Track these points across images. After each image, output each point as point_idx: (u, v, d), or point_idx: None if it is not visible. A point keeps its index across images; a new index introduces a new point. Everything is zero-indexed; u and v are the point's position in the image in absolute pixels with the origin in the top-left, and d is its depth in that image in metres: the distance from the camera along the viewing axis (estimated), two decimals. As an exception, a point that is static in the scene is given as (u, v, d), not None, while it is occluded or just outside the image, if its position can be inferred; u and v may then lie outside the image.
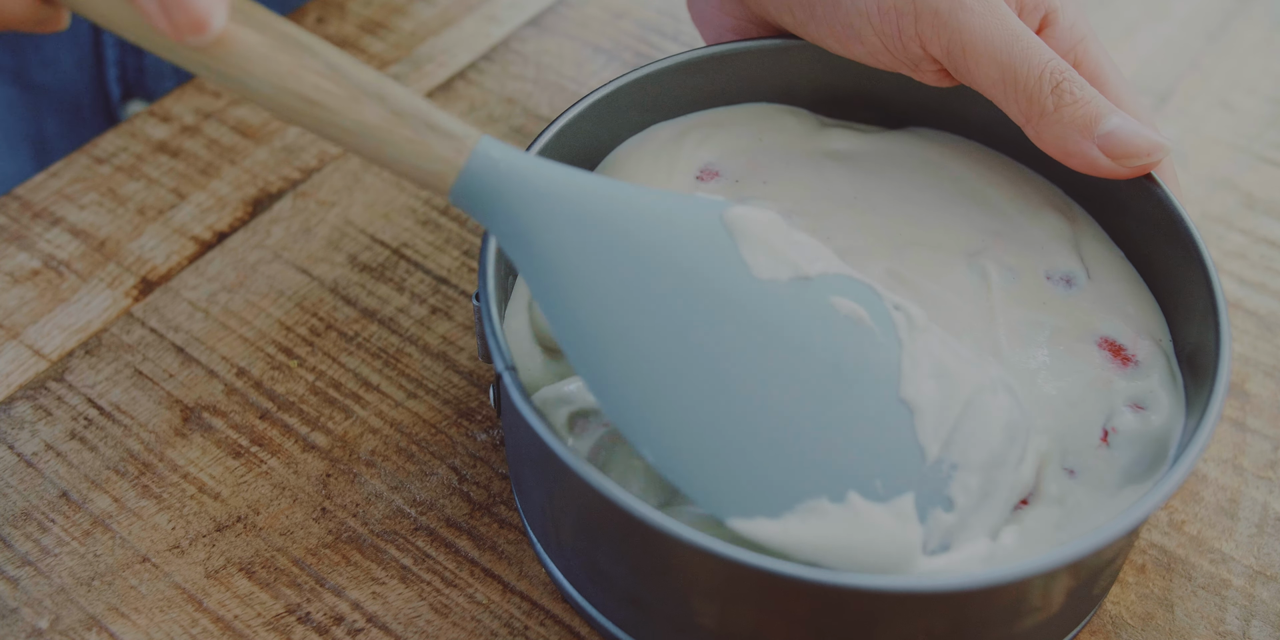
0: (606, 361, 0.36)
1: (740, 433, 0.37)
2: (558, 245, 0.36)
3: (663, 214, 0.38)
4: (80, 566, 0.45)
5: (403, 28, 0.64)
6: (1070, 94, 0.43)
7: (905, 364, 0.39)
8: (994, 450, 0.39)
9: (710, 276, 0.37)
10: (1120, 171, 0.43)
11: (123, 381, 0.51)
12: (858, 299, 0.39)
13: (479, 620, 0.44)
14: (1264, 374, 0.52)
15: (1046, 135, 0.43)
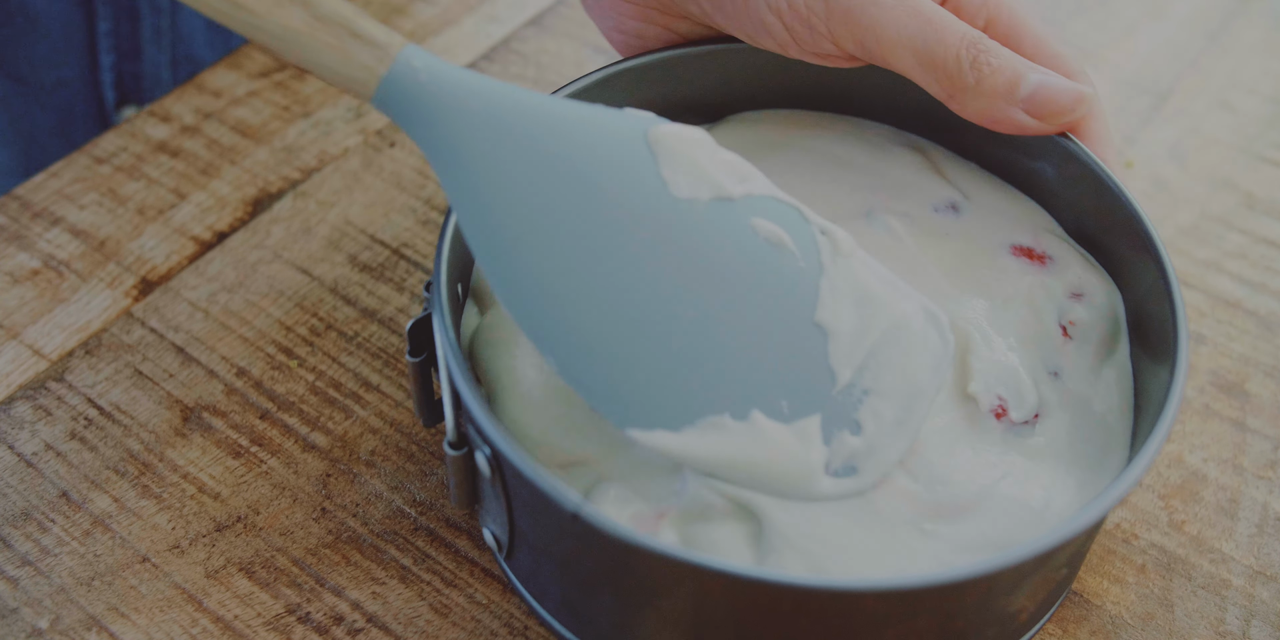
0: (516, 268, 0.37)
1: (646, 346, 0.37)
2: (474, 153, 0.37)
3: (586, 127, 0.38)
4: (80, 566, 0.45)
5: (403, 28, 0.64)
6: (987, 65, 0.43)
7: (824, 288, 0.40)
8: (912, 379, 0.40)
9: (625, 192, 0.38)
10: (1048, 129, 0.44)
11: (123, 381, 0.51)
12: (781, 221, 0.40)
13: (479, 620, 0.44)
14: (1264, 374, 0.52)
15: (970, 107, 0.44)
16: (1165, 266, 0.42)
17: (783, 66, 0.48)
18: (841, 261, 0.40)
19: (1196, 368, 0.52)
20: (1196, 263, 0.56)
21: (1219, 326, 0.54)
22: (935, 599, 0.37)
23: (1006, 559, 0.35)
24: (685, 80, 0.49)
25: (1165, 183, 0.59)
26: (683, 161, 0.39)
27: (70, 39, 0.66)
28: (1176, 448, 0.50)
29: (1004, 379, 0.43)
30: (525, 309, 0.37)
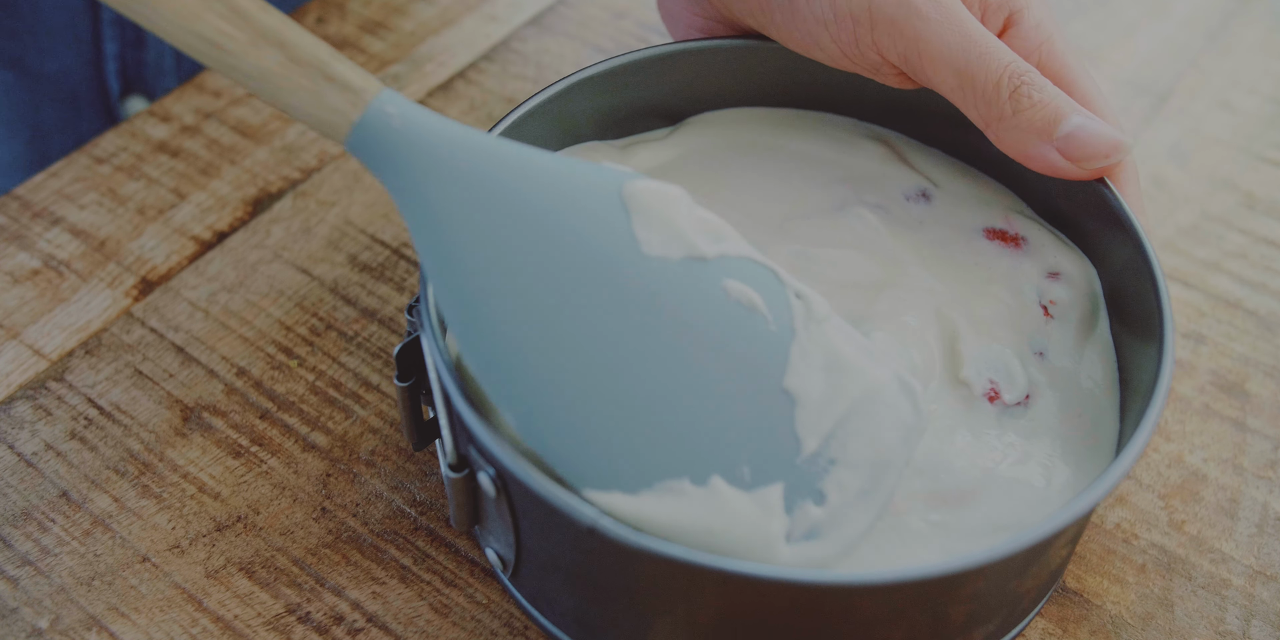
0: (478, 322, 0.36)
1: (605, 406, 0.37)
2: (445, 202, 0.36)
3: (559, 181, 0.38)
4: (80, 566, 0.45)
5: (403, 28, 0.64)
6: (1028, 98, 0.43)
7: (794, 354, 0.39)
8: (881, 450, 0.39)
9: (596, 249, 0.37)
10: (1080, 174, 0.43)
11: (123, 381, 0.51)
12: (755, 284, 0.39)
13: (479, 620, 0.44)
14: (1264, 374, 0.52)
15: (1006, 139, 0.43)
16: (1140, 238, 0.42)
17: (742, 65, 0.49)
18: (814, 326, 0.39)
19: (1196, 367, 0.52)
20: (1196, 263, 0.56)
21: (1219, 326, 0.54)
22: (959, 583, 0.37)
23: (1024, 540, 0.36)
24: (645, 85, 0.49)
25: (1165, 183, 0.59)
26: (656, 218, 0.38)
27: (75, 28, 0.66)
28: (1176, 448, 0.50)
29: (993, 363, 0.43)
30: (485, 364, 0.37)
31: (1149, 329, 0.42)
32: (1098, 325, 0.45)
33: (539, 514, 0.38)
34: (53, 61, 0.67)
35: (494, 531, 0.41)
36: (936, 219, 0.48)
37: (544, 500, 0.36)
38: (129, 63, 0.69)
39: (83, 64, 0.67)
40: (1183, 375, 0.52)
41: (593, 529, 0.35)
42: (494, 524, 0.41)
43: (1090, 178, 0.43)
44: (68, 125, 0.69)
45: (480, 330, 0.36)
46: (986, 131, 0.44)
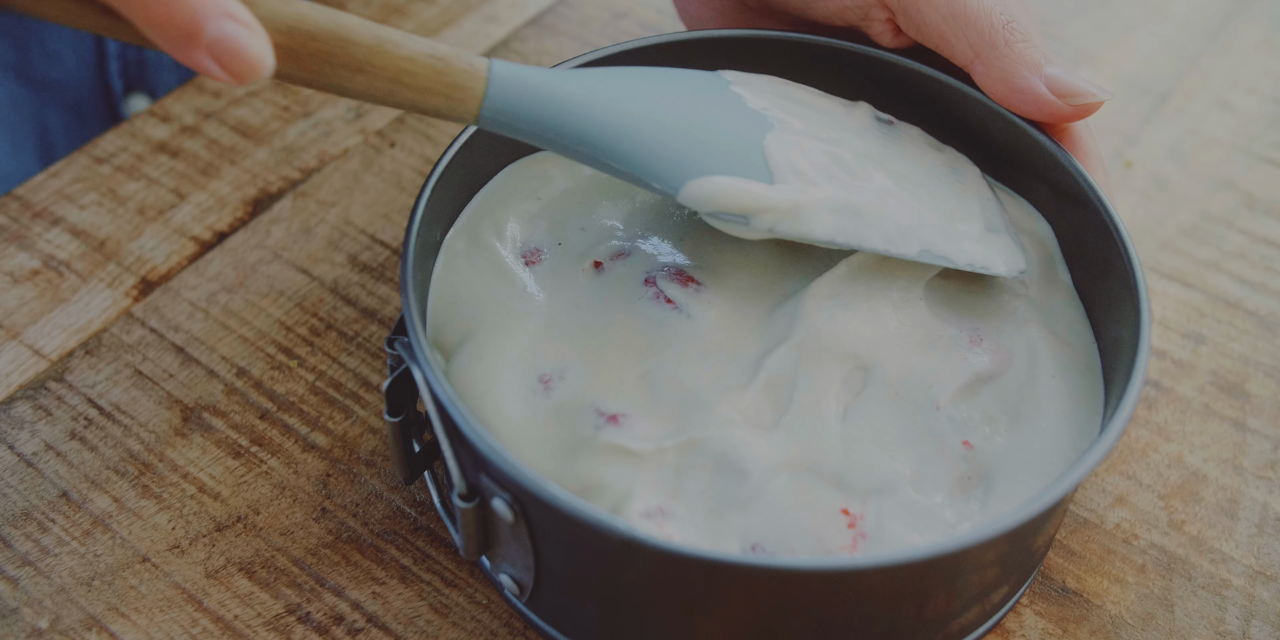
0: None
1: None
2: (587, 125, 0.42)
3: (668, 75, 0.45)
4: (80, 566, 0.45)
5: (403, 28, 0.64)
6: (1021, 33, 0.44)
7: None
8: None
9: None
10: (1065, 109, 0.44)
11: (123, 381, 0.51)
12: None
13: (479, 620, 0.44)
14: (1264, 374, 0.52)
15: (995, 70, 0.44)
16: (1092, 186, 0.44)
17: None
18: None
19: (1196, 367, 0.52)
20: (1196, 263, 0.56)
21: (1219, 326, 0.54)
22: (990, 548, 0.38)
23: (1023, 514, 0.36)
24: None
25: (1165, 183, 0.59)
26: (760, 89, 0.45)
27: (80, 32, 0.66)
28: (1176, 448, 0.50)
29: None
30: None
31: (1109, 274, 0.43)
32: (1057, 277, 0.47)
33: (564, 533, 0.38)
34: (58, 67, 0.67)
35: (508, 556, 0.41)
36: (902, 139, 0.50)
37: (574, 517, 0.36)
38: (130, 61, 0.69)
39: (86, 66, 0.68)
40: (1182, 375, 0.52)
41: (629, 541, 0.35)
42: (509, 549, 0.41)
43: (1073, 116, 0.44)
44: (73, 130, 0.69)
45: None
46: (975, 63, 0.45)
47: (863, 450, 0.42)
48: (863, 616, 0.40)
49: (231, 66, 0.35)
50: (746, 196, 0.41)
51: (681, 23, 0.54)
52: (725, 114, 0.44)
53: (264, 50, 0.35)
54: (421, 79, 0.39)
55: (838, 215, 0.43)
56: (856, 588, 0.38)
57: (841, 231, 0.43)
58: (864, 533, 0.40)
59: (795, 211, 0.42)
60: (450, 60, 0.39)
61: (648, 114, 0.42)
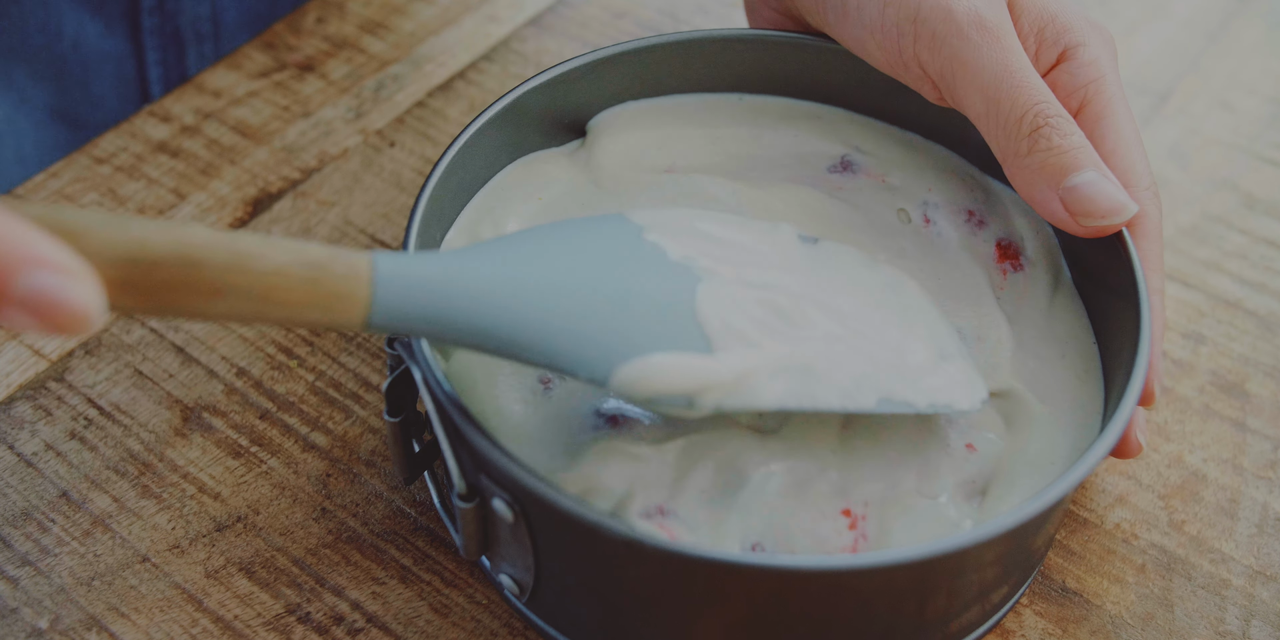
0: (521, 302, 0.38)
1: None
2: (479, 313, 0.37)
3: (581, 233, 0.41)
4: (80, 566, 0.45)
5: (403, 28, 0.64)
6: (1046, 140, 0.42)
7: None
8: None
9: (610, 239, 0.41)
10: (1077, 229, 0.42)
11: (123, 381, 0.51)
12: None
13: (479, 620, 0.44)
14: (1264, 374, 0.52)
15: (1017, 177, 0.43)
16: None
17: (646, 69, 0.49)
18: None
19: (1196, 368, 0.52)
20: (1196, 263, 0.56)
21: (1219, 326, 0.54)
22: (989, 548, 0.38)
23: (1026, 512, 0.36)
24: (558, 102, 0.49)
25: (1165, 183, 0.59)
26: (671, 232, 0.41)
27: (122, 75, 0.66)
28: (1176, 448, 0.50)
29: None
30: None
31: (1113, 280, 0.43)
32: (1062, 278, 0.47)
33: (564, 533, 0.38)
34: (101, 110, 0.67)
35: (508, 556, 0.41)
36: (862, 191, 0.49)
37: (574, 518, 0.36)
38: None
39: (130, 105, 0.67)
40: (1182, 375, 0.52)
41: (630, 541, 0.35)
42: (509, 549, 0.41)
43: (1086, 235, 0.43)
44: None
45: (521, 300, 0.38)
46: (1004, 166, 0.43)
47: (865, 452, 0.42)
48: (863, 616, 0.40)
49: (52, 321, 0.29)
50: (687, 376, 0.37)
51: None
52: (646, 273, 0.40)
53: (89, 297, 0.30)
54: (294, 293, 0.34)
55: (787, 378, 0.39)
56: (858, 588, 0.38)
57: (794, 395, 0.39)
58: (865, 534, 0.40)
59: (742, 383, 0.38)
60: (326, 266, 0.34)
61: (561, 293, 0.38)
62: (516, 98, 0.46)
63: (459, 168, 0.45)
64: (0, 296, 0.29)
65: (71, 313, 0.29)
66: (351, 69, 0.62)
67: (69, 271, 0.29)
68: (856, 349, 0.41)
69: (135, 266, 0.32)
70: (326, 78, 0.62)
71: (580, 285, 0.38)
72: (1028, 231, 0.47)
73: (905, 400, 0.40)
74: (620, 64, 0.48)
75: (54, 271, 0.29)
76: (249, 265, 0.33)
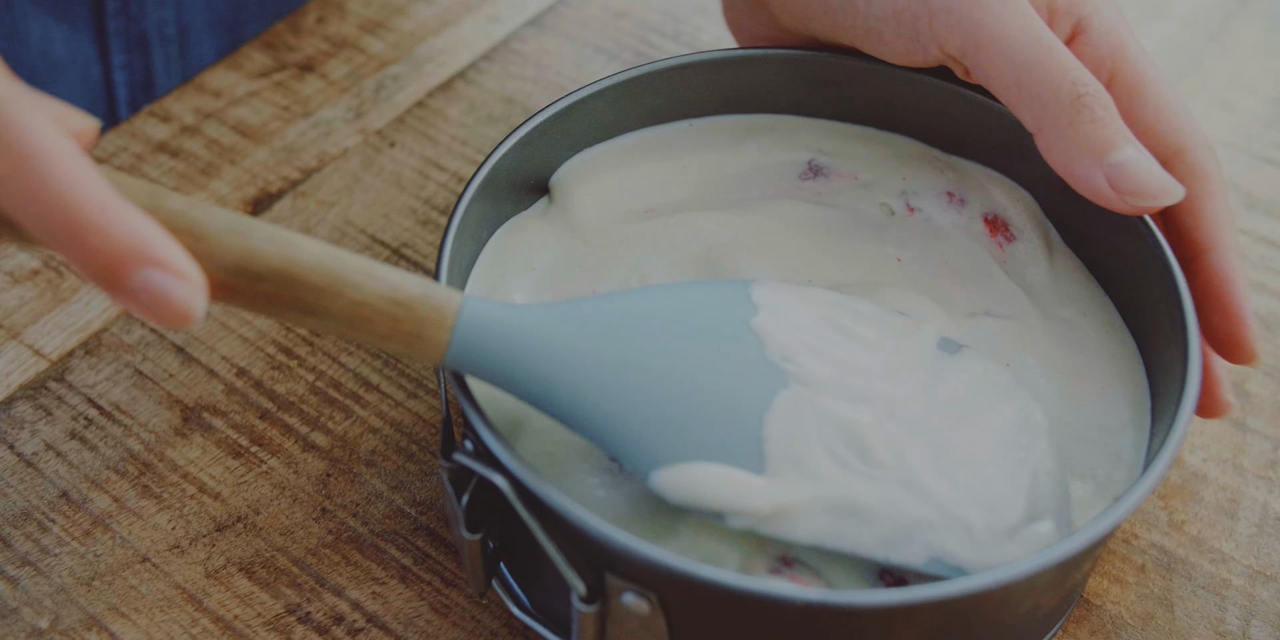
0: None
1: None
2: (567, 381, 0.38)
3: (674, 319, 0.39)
4: (80, 566, 0.45)
5: (403, 28, 0.64)
6: (1090, 111, 0.40)
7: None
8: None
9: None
10: (1122, 206, 0.40)
11: (123, 381, 0.51)
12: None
13: (479, 620, 0.44)
14: (1264, 374, 0.52)
15: (1055, 150, 0.41)
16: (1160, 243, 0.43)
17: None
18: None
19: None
20: (1196, 263, 0.56)
21: (1219, 326, 0.54)
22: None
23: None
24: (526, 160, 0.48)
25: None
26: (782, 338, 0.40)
27: (88, 79, 0.66)
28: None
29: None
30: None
31: (1169, 335, 0.42)
32: (1054, 242, 0.47)
33: (715, 614, 0.36)
34: None
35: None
36: (841, 192, 0.49)
37: (742, 595, 0.34)
38: (140, 105, 0.69)
39: (97, 112, 0.67)
40: (1183, 375, 0.52)
41: (809, 605, 0.34)
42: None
43: (1131, 213, 0.41)
44: None
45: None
46: (1037, 137, 0.41)
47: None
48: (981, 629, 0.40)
49: (156, 316, 0.32)
50: (724, 495, 0.37)
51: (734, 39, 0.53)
52: (733, 365, 0.38)
53: (192, 300, 0.32)
54: (378, 325, 0.35)
55: (833, 517, 0.37)
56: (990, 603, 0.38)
57: (832, 536, 0.37)
58: None
59: (778, 515, 0.37)
60: (412, 306, 0.36)
61: (629, 376, 0.37)
62: (490, 169, 0.44)
63: (454, 252, 0.43)
64: (115, 285, 0.32)
65: (175, 312, 0.32)
66: (351, 69, 0.62)
67: (180, 274, 0.32)
68: (930, 496, 0.38)
69: (241, 275, 0.34)
70: (326, 78, 0.62)
71: (654, 370, 0.38)
72: (1007, 201, 0.48)
73: (958, 564, 0.38)
74: (573, 114, 0.47)
75: (166, 272, 0.32)
76: (343, 292, 0.35)
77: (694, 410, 0.38)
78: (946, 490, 0.38)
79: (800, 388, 0.39)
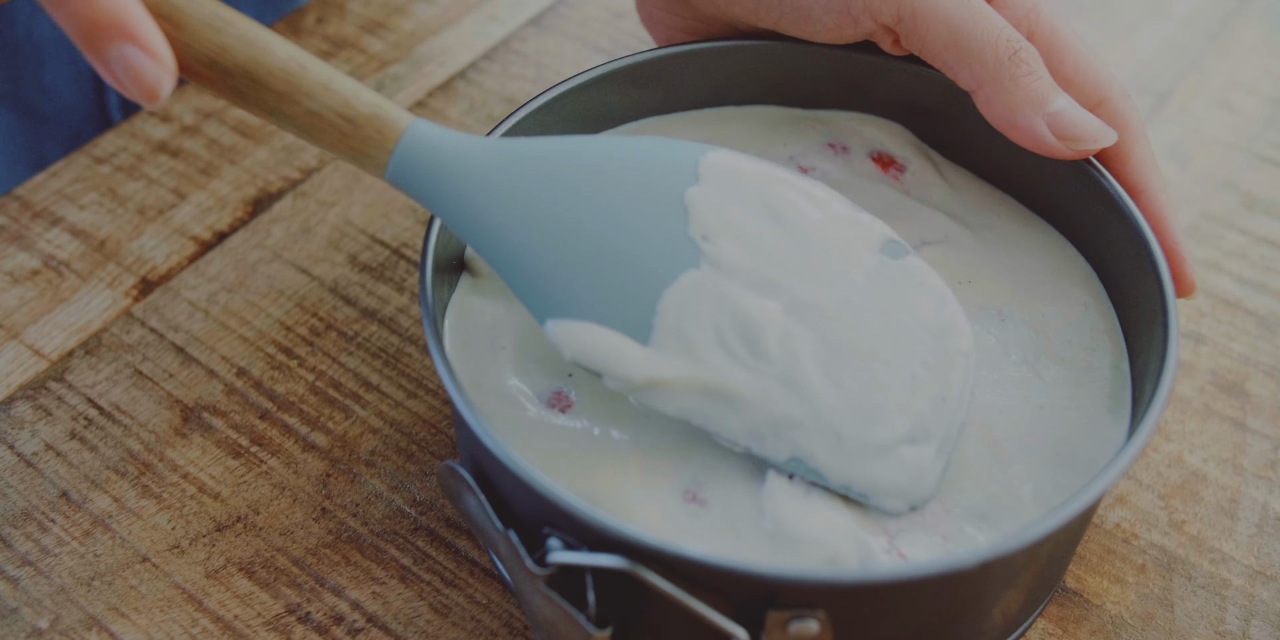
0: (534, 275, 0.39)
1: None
2: (494, 213, 0.39)
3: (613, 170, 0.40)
4: (80, 566, 0.45)
5: (403, 28, 0.64)
6: (1027, 65, 0.42)
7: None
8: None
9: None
10: (1065, 152, 0.43)
11: (123, 381, 0.51)
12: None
13: (479, 620, 0.44)
14: (1264, 374, 0.52)
15: (997, 104, 0.42)
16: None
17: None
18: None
19: (1196, 367, 0.52)
20: (1196, 263, 0.56)
21: (1219, 326, 0.54)
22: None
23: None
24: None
25: (1166, 183, 0.59)
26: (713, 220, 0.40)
27: (77, 63, 0.66)
28: (1176, 448, 0.50)
29: None
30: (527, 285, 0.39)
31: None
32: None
33: (885, 607, 0.37)
34: (55, 99, 0.67)
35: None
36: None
37: (923, 578, 0.35)
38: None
39: (85, 100, 0.67)
40: (1182, 375, 0.52)
41: (969, 568, 0.35)
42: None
43: (1073, 158, 0.43)
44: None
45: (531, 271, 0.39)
46: (977, 94, 0.43)
47: None
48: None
49: (128, 86, 0.35)
50: (605, 357, 0.38)
51: (649, 34, 0.53)
52: (647, 236, 0.39)
53: (160, 79, 0.35)
54: (328, 135, 0.38)
55: (703, 399, 0.39)
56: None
57: (698, 415, 0.39)
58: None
59: (649, 386, 0.38)
60: (359, 123, 0.38)
61: (548, 227, 0.39)
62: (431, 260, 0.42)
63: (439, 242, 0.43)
64: (93, 51, 0.35)
65: (144, 88, 0.35)
66: (351, 69, 0.62)
67: (154, 54, 0.35)
68: (809, 398, 0.39)
69: (212, 68, 0.37)
70: (326, 78, 0.62)
71: (570, 224, 0.39)
72: (883, 136, 0.49)
73: (818, 469, 0.39)
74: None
75: (140, 50, 0.35)
76: (299, 101, 0.37)
77: (599, 272, 0.39)
78: (826, 395, 0.39)
79: (710, 269, 0.39)
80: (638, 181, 0.40)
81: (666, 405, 0.39)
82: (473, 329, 0.44)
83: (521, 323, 0.44)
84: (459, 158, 0.39)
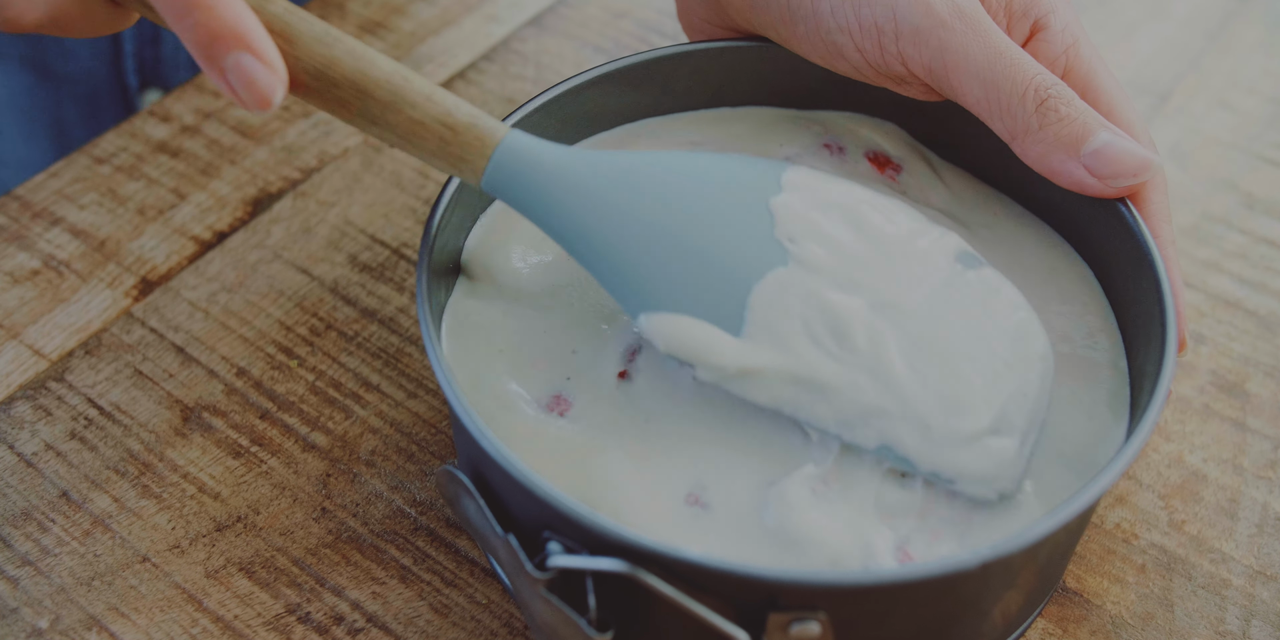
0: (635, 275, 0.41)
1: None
2: (593, 221, 0.41)
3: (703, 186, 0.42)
4: (80, 566, 0.45)
5: (403, 28, 0.64)
6: (1055, 112, 0.42)
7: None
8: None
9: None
10: (1107, 191, 0.43)
11: (123, 381, 0.51)
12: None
13: (479, 620, 0.44)
14: (1264, 374, 0.52)
15: (1031, 153, 0.43)
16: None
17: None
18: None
19: (1196, 367, 0.52)
20: (1196, 263, 0.56)
21: (1219, 326, 0.54)
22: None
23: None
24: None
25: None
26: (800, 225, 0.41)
27: (95, 43, 0.67)
28: (1176, 448, 0.50)
29: None
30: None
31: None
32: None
33: (887, 607, 0.37)
34: (74, 62, 0.67)
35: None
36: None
37: (929, 578, 0.35)
38: (146, 59, 0.69)
39: (102, 63, 0.68)
40: (1183, 375, 0.52)
41: (979, 565, 0.35)
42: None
43: (1117, 196, 0.43)
44: (89, 121, 0.70)
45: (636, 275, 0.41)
46: (1012, 144, 0.43)
47: None
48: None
49: (241, 92, 0.37)
50: (698, 347, 0.40)
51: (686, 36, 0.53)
52: (738, 237, 0.41)
53: (273, 88, 0.37)
54: (429, 143, 0.40)
55: (795, 388, 0.40)
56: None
57: (790, 403, 0.40)
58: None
59: (742, 375, 0.40)
60: (460, 130, 0.40)
61: (639, 230, 0.41)
62: (428, 267, 0.42)
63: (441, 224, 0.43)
64: (211, 59, 0.37)
65: (257, 95, 0.37)
66: (351, 69, 0.62)
67: (268, 64, 0.37)
68: (895, 388, 0.40)
69: (320, 79, 0.39)
70: (326, 78, 0.62)
71: (664, 227, 0.41)
72: (878, 137, 0.50)
73: (907, 456, 0.40)
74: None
75: (256, 59, 0.37)
76: (403, 109, 0.39)
77: (691, 269, 0.41)
78: (912, 386, 0.40)
79: (797, 268, 0.41)
80: (724, 190, 0.42)
81: (760, 395, 0.40)
82: (470, 332, 0.44)
83: (519, 326, 0.44)
84: (554, 164, 0.41)
